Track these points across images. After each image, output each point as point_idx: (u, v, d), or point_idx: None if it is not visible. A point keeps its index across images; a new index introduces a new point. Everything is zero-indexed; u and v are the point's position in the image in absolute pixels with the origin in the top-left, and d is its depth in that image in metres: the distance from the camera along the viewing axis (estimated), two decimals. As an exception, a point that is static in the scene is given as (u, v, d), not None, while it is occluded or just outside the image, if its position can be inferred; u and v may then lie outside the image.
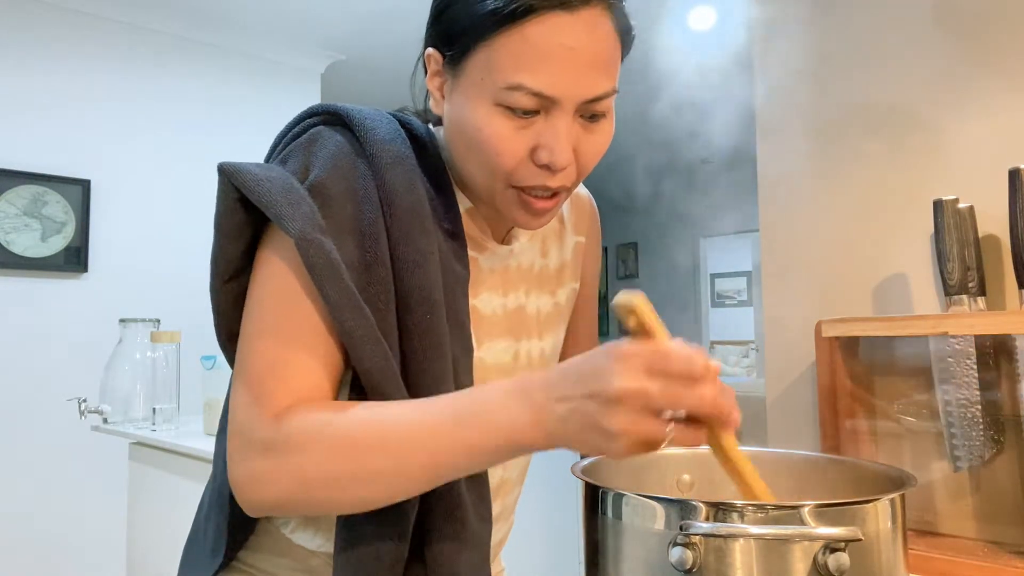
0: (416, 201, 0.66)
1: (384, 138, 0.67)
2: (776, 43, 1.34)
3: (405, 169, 0.67)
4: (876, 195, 1.21)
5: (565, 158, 0.64)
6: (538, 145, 0.64)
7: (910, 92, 1.18)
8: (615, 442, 0.50)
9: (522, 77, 0.61)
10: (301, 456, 0.58)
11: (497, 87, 0.62)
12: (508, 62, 0.61)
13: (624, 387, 0.49)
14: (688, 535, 0.47)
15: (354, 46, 3.94)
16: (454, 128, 0.68)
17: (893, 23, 1.20)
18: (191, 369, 2.31)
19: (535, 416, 0.54)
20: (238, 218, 0.65)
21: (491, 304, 0.76)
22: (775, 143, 1.34)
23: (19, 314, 3.08)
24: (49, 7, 3.23)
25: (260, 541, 0.75)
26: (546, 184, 0.65)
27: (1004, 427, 1.02)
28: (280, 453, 0.59)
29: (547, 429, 0.53)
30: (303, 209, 0.62)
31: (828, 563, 0.45)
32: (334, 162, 0.66)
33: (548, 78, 0.61)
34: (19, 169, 3.10)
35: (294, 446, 0.59)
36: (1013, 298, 1.06)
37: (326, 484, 0.58)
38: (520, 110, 0.62)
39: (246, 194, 0.62)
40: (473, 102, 0.64)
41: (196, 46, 3.63)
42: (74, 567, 3.11)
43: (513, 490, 0.83)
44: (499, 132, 0.63)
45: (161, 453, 2.03)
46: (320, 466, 0.58)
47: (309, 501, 0.60)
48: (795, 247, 1.31)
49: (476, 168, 0.67)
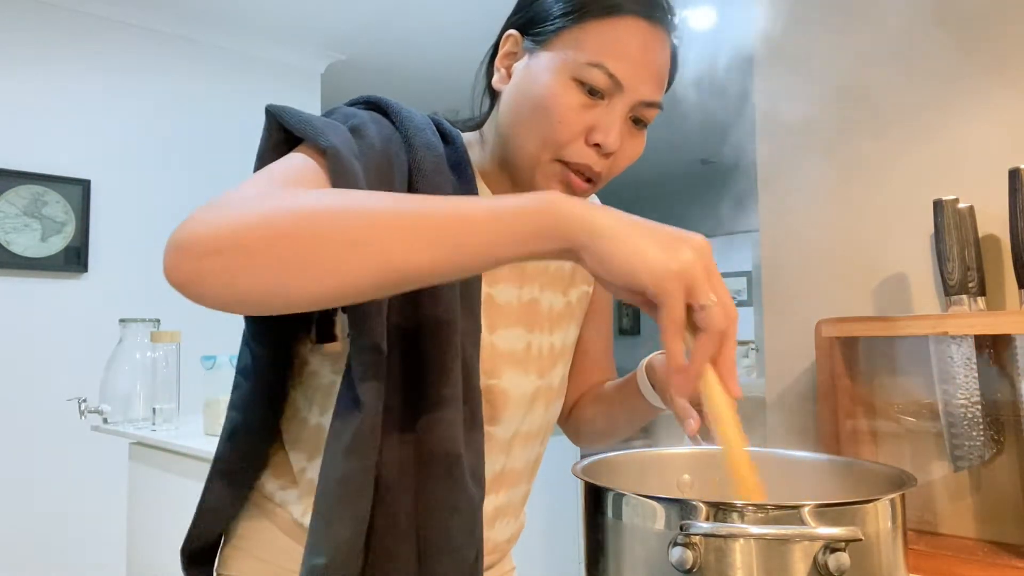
0: (442, 183, 0.70)
1: (419, 125, 0.73)
2: (776, 43, 1.34)
3: (434, 154, 0.71)
4: (876, 195, 1.21)
5: (615, 141, 0.69)
6: (595, 126, 0.69)
7: (910, 92, 1.18)
8: (676, 261, 0.50)
9: (605, 58, 0.68)
10: (280, 200, 0.51)
11: (580, 62, 0.68)
12: (595, 44, 0.69)
13: (692, 243, 0.52)
14: (688, 535, 0.47)
15: (354, 46, 3.94)
16: (519, 95, 0.72)
17: (893, 23, 1.20)
18: (191, 369, 2.31)
19: (585, 216, 0.51)
20: (279, 156, 0.63)
21: (506, 294, 0.79)
22: (775, 143, 1.34)
23: (19, 314, 3.08)
24: (49, 7, 3.23)
25: (271, 530, 0.76)
26: (591, 165, 0.70)
27: (1004, 427, 1.02)
28: (251, 200, 0.51)
29: (592, 218, 0.51)
30: (341, 134, 0.63)
31: (828, 563, 0.45)
32: (377, 127, 0.69)
33: (626, 67, 0.68)
34: (19, 169, 3.11)
35: (271, 195, 0.53)
36: (1013, 298, 1.06)
37: (300, 245, 0.49)
38: (591, 87, 0.68)
39: (287, 124, 0.65)
40: (553, 72, 0.70)
41: (196, 46, 3.63)
42: (74, 567, 3.11)
43: (519, 484, 0.83)
44: (568, 102, 0.69)
45: (161, 453, 2.03)
46: (312, 210, 0.50)
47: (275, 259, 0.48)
48: (795, 247, 1.31)
49: (531, 134, 0.71)
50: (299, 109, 0.67)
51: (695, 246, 0.52)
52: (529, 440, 0.82)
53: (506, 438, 0.79)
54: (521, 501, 0.85)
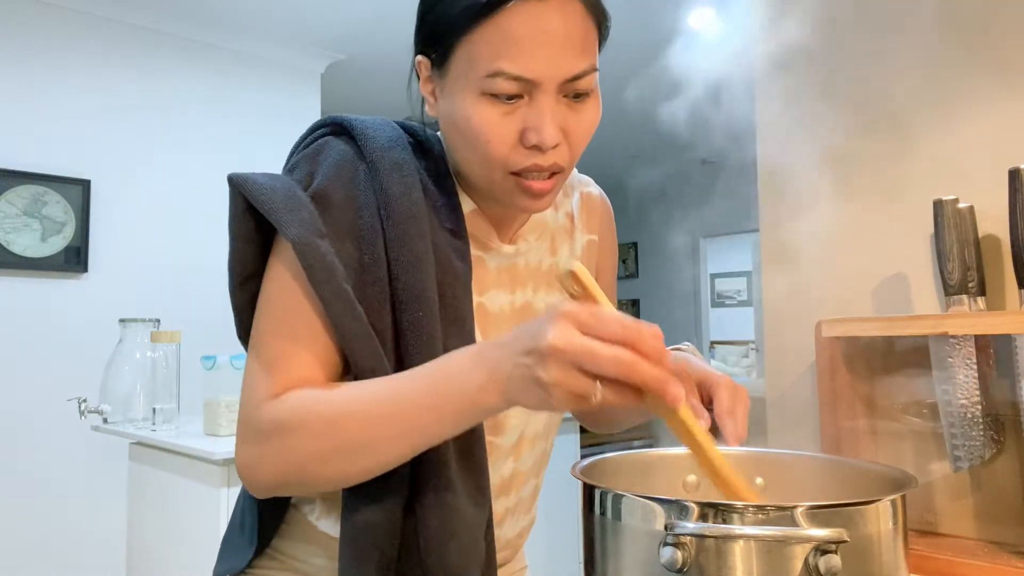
0: (412, 204, 0.70)
1: (384, 145, 0.72)
2: (776, 43, 1.34)
3: (403, 174, 0.71)
4: (876, 195, 1.21)
5: (551, 136, 0.66)
6: (525, 128, 0.66)
7: (910, 92, 1.18)
8: (550, 394, 0.53)
9: (501, 63, 0.64)
10: (287, 438, 0.64)
11: (479, 77, 0.65)
12: (487, 52, 0.65)
13: (553, 343, 0.53)
14: (676, 536, 0.47)
15: (354, 46, 3.94)
16: (448, 126, 0.71)
17: (893, 23, 1.20)
18: (191, 369, 2.31)
19: (490, 376, 0.57)
20: (248, 224, 0.70)
21: (498, 301, 0.78)
22: (775, 143, 1.34)
23: (19, 314, 3.08)
24: (50, 7, 3.23)
25: (291, 529, 0.78)
26: (539, 164, 0.68)
27: (1004, 427, 1.02)
28: (270, 437, 0.64)
29: (501, 387, 0.57)
30: (302, 215, 0.67)
31: (819, 565, 0.45)
32: (336, 170, 0.70)
33: (525, 62, 0.64)
34: (19, 169, 3.11)
35: (281, 429, 0.64)
36: (1013, 298, 1.06)
37: (312, 461, 0.63)
38: (503, 96, 0.65)
39: (251, 201, 0.67)
40: (460, 96, 0.67)
41: (196, 46, 3.63)
42: (74, 567, 3.11)
43: (528, 481, 0.83)
44: (487, 119, 0.66)
45: (161, 453, 2.03)
46: (304, 444, 0.63)
47: (303, 477, 0.64)
48: (795, 247, 1.31)
49: (473, 160, 0.70)
50: (260, 176, 0.69)
51: (549, 344, 0.53)
52: (536, 441, 0.82)
53: (511, 444, 0.79)
54: (531, 497, 0.86)
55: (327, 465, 0.63)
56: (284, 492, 0.68)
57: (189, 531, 1.88)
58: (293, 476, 0.64)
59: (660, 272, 7.56)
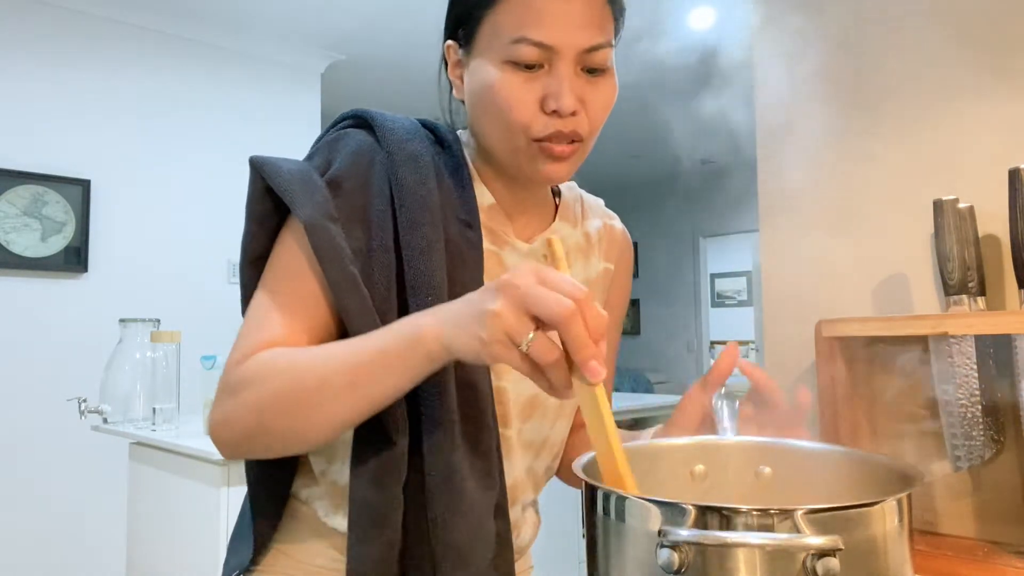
0: (427, 193, 0.73)
1: (402, 137, 0.75)
2: (776, 43, 1.34)
3: (418, 164, 0.74)
4: (876, 195, 1.21)
5: (569, 102, 0.69)
6: (545, 95, 0.70)
7: (910, 92, 1.18)
8: (485, 328, 0.55)
9: (524, 31, 0.68)
10: (248, 390, 0.65)
11: (503, 44, 0.69)
12: (511, 22, 0.69)
13: (509, 279, 0.55)
14: (671, 541, 0.46)
15: (354, 46, 3.94)
16: (473, 100, 0.74)
17: (893, 24, 1.20)
18: (191, 369, 2.31)
19: (435, 316, 0.60)
20: (265, 206, 0.73)
21: None
22: (775, 143, 1.34)
23: (19, 314, 3.08)
24: (50, 7, 3.23)
25: (301, 528, 0.78)
26: (560, 131, 0.71)
27: (1004, 427, 1.02)
28: (235, 391, 0.66)
29: (440, 327, 0.58)
30: (316, 198, 0.70)
31: (816, 568, 0.45)
32: (353, 158, 0.74)
33: (547, 30, 0.68)
34: (19, 169, 3.11)
35: (244, 383, 0.65)
36: (1013, 298, 1.06)
37: (268, 411, 0.64)
38: (524, 63, 0.69)
39: (269, 182, 0.70)
40: (485, 67, 0.71)
41: (196, 46, 3.63)
42: (74, 567, 3.11)
43: (528, 492, 0.84)
44: (509, 86, 0.70)
45: (161, 453, 2.03)
46: (262, 395, 0.64)
47: (269, 432, 0.65)
48: (795, 247, 1.31)
49: (495, 129, 0.73)
50: (279, 160, 0.72)
51: (503, 281, 0.55)
52: (540, 448, 0.83)
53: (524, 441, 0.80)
54: (532, 502, 0.86)
55: (282, 416, 0.63)
56: (249, 452, 0.68)
57: (189, 531, 1.88)
58: (253, 429, 0.65)
59: (660, 272, 7.56)
